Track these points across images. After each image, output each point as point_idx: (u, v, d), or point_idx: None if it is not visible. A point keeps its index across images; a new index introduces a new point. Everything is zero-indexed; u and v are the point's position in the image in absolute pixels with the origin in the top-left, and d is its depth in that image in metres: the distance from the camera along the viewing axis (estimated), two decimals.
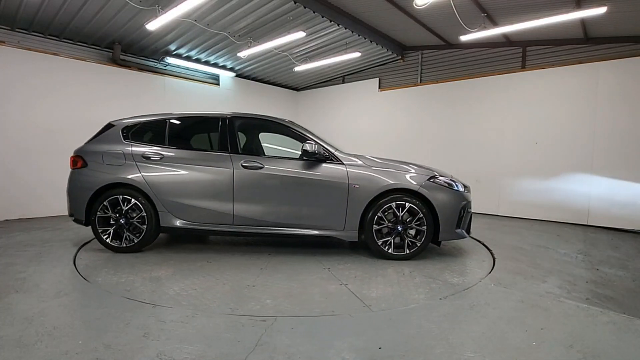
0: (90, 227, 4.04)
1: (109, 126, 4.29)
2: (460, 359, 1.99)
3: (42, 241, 4.57)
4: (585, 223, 6.48)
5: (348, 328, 2.36)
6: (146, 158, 4.00)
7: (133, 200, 3.93)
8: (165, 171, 3.98)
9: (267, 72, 9.27)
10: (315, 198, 3.91)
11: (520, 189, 7.19)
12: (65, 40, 6.70)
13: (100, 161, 4.02)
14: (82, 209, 3.98)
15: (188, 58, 8.00)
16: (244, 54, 7.34)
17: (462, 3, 5.61)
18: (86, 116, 6.71)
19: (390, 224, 3.90)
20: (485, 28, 6.12)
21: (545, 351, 2.08)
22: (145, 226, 3.94)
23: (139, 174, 3.95)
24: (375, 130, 9.27)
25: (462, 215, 3.98)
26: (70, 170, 4.17)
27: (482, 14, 5.96)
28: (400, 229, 3.89)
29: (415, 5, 5.35)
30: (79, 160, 4.10)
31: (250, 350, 2.04)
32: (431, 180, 3.93)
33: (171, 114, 4.36)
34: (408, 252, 3.91)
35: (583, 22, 5.88)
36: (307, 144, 3.87)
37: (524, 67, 7.18)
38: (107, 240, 3.97)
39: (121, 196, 3.93)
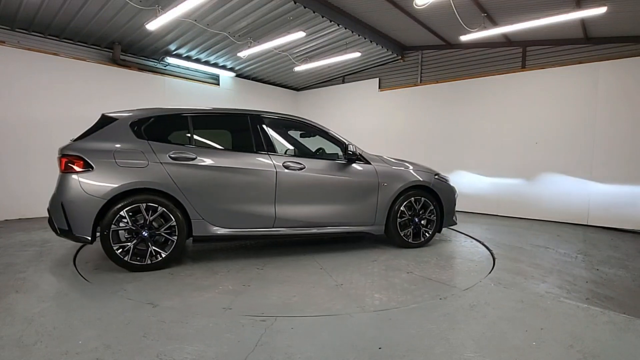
0: (92, 243, 3.35)
1: (109, 119, 3.56)
2: (460, 359, 1.99)
3: (42, 241, 4.57)
4: (585, 223, 6.48)
5: (348, 328, 2.36)
6: (174, 159, 3.45)
7: (160, 208, 3.36)
8: (199, 174, 3.50)
9: (267, 72, 9.27)
10: (354, 196, 4.12)
11: (520, 189, 7.18)
12: (65, 40, 6.71)
13: (112, 162, 3.29)
14: (89, 223, 3.21)
15: (188, 58, 8.00)
16: (244, 54, 7.34)
17: (462, 3, 5.61)
18: (86, 116, 6.60)
19: (409, 217, 4.35)
20: (485, 28, 6.12)
21: (545, 351, 2.08)
22: (175, 237, 3.41)
23: (169, 178, 3.39)
24: (375, 130, 9.26)
25: (455, 205, 4.70)
26: (60, 174, 3.31)
27: (482, 14, 5.96)
28: (417, 220, 4.39)
29: (415, 5, 5.34)
30: (78, 161, 3.25)
31: (250, 350, 2.03)
32: (436, 177, 4.53)
33: (171, 108, 3.83)
34: (423, 239, 4.45)
35: (583, 22, 5.87)
36: (350, 146, 4.08)
37: (524, 67, 7.18)
38: (126, 259, 3.29)
39: (144, 204, 3.32)
